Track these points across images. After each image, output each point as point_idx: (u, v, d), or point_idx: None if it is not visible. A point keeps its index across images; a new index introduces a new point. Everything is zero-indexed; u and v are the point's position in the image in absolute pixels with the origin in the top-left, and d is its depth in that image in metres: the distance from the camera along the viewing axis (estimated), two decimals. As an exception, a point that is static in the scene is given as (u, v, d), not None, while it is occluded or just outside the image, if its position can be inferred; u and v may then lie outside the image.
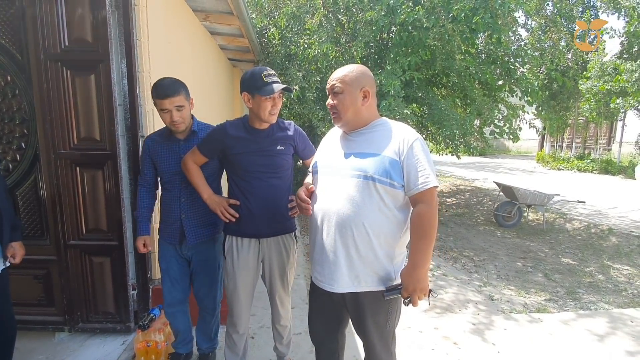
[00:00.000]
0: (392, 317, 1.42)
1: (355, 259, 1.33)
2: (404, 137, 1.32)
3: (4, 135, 2.17)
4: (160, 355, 2.10)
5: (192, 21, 3.45)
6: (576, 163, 13.15)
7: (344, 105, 1.36)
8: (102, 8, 2.02)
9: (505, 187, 6.13)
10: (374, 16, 4.35)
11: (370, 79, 1.39)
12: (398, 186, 1.29)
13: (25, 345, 2.18)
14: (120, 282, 2.27)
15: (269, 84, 1.59)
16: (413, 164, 1.28)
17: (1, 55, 2.09)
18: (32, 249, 2.00)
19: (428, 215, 1.25)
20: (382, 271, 1.34)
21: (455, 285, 3.56)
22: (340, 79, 1.37)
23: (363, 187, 1.30)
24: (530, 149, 20.28)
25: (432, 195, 1.27)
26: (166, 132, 1.87)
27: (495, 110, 5.34)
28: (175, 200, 1.86)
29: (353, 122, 1.39)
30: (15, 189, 2.21)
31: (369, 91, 1.37)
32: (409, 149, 1.29)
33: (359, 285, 1.35)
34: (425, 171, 1.27)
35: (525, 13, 5.78)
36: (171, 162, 1.84)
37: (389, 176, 1.28)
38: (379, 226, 1.30)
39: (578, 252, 4.95)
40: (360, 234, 1.30)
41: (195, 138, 1.86)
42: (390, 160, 1.29)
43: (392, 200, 1.30)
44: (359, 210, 1.30)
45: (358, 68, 1.39)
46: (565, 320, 2.89)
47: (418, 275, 1.27)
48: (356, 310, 1.40)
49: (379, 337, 1.42)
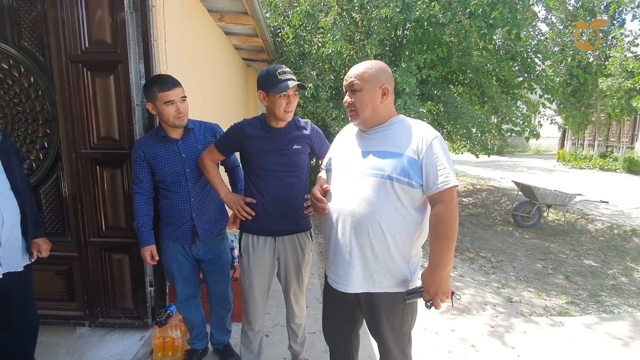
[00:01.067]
0: (407, 320, 1.39)
1: (371, 259, 1.30)
2: (422, 135, 1.28)
3: (28, 135, 2.24)
4: (177, 352, 2.13)
5: (207, 22, 3.48)
6: (598, 162, 12.71)
7: (362, 102, 1.33)
8: (120, 10, 2.06)
9: (525, 187, 5.97)
10: (388, 13, 4.29)
11: (389, 76, 1.36)
12: (416, 185, 1.26)
13: (48, 339, 2.24)
14: (138, 279, 2.31)
15: (283, 81, 1.58)
16: (432, 163, 1.24)
17: (25, 57, 2.15)
18: (55, 245, 2.05)
19: (448, 216, 1.21)
20: (397, 272, 1.32)
21: (472, 286, 3.48)
22: (358, 76, 1.33)
23: (380, 186, 1.27)
24: (549, 147, 19.71)
25: (452, 195, 1.23)
26: (159, 134, 1.83)
27: (514, 108, 5.20)
28: (184, 200, 1.85)
29: (371, 120, 1.36)
30: (38, 188, 2.28)
31: (388, 88, 1.34)
32: (428, 147, 1.25)
33: (373, 285, 1.33)
34: (445, 170, 1.23)
35: (546, 7, 5.60)
36: (174, 163, 1.82)
37: (407, 175, 1.25)
38: (395, 226, 1.28)
39: (600, 253, 4.78)
40: (376, 234, 1.28)
41: (192, 135, 1.87)
42: (409, 159, 1.26)
43: (409, 200, 1.27)
44: (375, 210, 1.27)
45: (377, 64, 1.35)
46: (588, 324, 2.79)
47: (439, 277, 1.24)
48: (370, 312, 1.38)
49: (394, 339, 1.39)
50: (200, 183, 1.88)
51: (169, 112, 1.74)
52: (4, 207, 1.56)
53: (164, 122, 1.80)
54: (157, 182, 1.88)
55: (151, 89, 1.75)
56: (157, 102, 1.74)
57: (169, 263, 1.95)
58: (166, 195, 1.87)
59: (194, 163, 1.84)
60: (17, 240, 1.65)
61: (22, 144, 2.23)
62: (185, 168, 1.83)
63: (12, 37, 2.13)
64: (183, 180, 1.83)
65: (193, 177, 1.84)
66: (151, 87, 1.75)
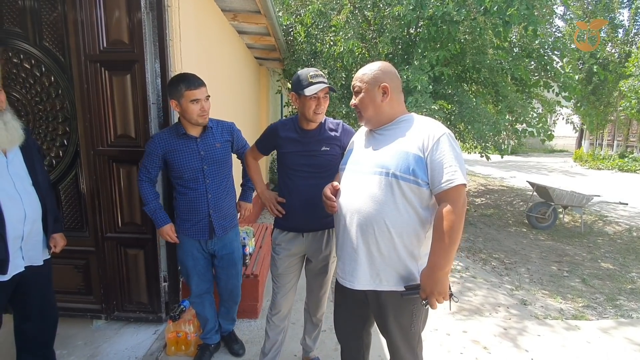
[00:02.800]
0: (417, 320, 1.38)
1: (377, 257, 1.31)
2: (429, 132, 1.27)
3: (48, 133, 2.30)
4: (190, 346, 2.17)
5: (221, 21, 3.51)
6: (617, 162, 12.35)
7: (363, 103, 1.37)
8: (137, 10, 2.10)
9: (540, 187, 5.85)
10: (401, 11, 4.25)
11: (389, 75, 1.36)
12: (423, 184, 1.25)
13: (66, 331, 2.31)
14: (153, 274, 2.36)
15: (313, 84, 1.61)
16: (438, 161, 1.22)
17: (46, 57, 2.21)
18: (73, 240, 2.12)
19: (450, 215, 1.18)
20: (404, 271, 1.31)
21: (485, 287, 3.44)
22: (359, 78, 1.38)
23: (385, 184, 1.27)
24: (566, 147, 19.26)
25: (458, 194, 1.20)
26: (179, 130, 1.87)
27: (529, 108, 5.09)
28: (202, 197, 1.89)
29: (375, 120, 1.38)
30: (58, 184, 2.34)
31: (388, 86, 1.34)
32: (435, 144, 1.23)
33: (380, 283, 1.33)
34: (451, 168, 1.20)
35: (564, 3, 5.45)
36: (192, 160, 1.86)
37: (412, 173, 1.24)
38: (401, 225, 1.27)
39: (619, 256, 4.65)
40: (381, 232, 1.28)
41: (210, 133, 1.92)
42: (415, 157, 1.24)
43: (416, 198, 1.26)
44: (380, 208, 1.27)
45: (378, 65, 1.37)
46: (605, 328, 2.72)
47: (436, 277, 1.22)
48: (378, 310, 1.38)
49: (402, 338, 1.38)
50: (217, 180, 1.93)
51: (193, 110, 1.78)
52: (27, 203, 1.62)
53: (187, 119, 1.84)
54: (174, 179, 1.92)
55: (177, 86, 1.78)
56: (182, 99, 1.78)
57: (184, 259, 1.99)
58: (183, 192, 1.91)
59: (211, 160, 1.89)
60: (39, 234, 1.70)
61: (43, 142, 2.30)
62: (204, 165, 1.88)
63: (34, 37, 2.19)
64: (200, 176, 1.88)
65: (211, 174, 1.89)
66: (178, 84, 1.78)
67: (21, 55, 2.21)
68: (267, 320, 1.93)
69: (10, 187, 1.58)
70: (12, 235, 1.56)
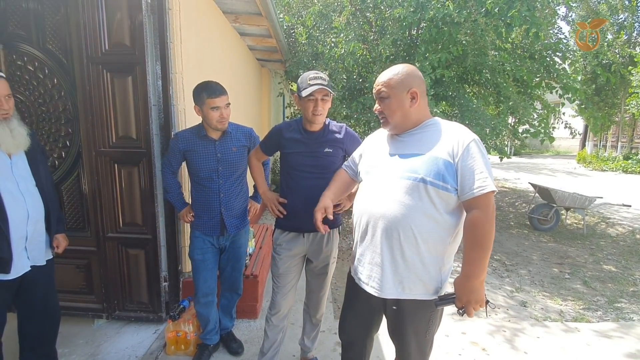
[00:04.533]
0: (432, 326, 1.36)
1: (400, 263, 1.27)
2: (458, 138, 1.24)
3: (51, 134, 2.34)
4: (189, 345, 2.19)
5: (222, 23, 3.54)
6: (621, 163, 12.25)
7: (390, 109, 1.32)
8: (138, 13, 2.13)
9: (542, 189, 5.82)
10: (402, 13, 4.26)
11: (418, 79, 1.32)
12: (451, 189, 1.22)
13: (68, 330, 2.34)
14: (153, 274, 2.38)
15: (310, 85, 1.64)
16: (469, 167, 1.19)
17: (49, 59, 2.25)
18: (75, 240, 2.15)
19: (484, 222, 1.16)
20: (427, 278, 1.28)
21: (485, 289, 3.43)
22: (385, 83, 1.31)
23: (413, 189, 1.24)
24: (570, 148, 19.14)
25: (488, 201, 1.17)
26: (201, 132, 1.97)
27: (531, 110, 5.07)
28: (214, 195, 2.00)
29: (402, 125, 1.34)
30: (60, 184, 2.37)
31: (417, 92, 1.30)
32: (465, 150, 1.21)
33: (403, 292, 1.29)
34: (482, 174, 1.18)
35: (566, 4, 5.43)
36: (209, 160, 1.97)
37: (442, 179, 1.21)
38: (427, 231, 1.24)
39: (621, 258, 4.62)
40: (407, 238, 1.25)
41: (229, 138, 2.00)
42: (445, 162, 1.22)
43: (443, 203, 1.23)
44: (407, 213, 1.24)
45: (404, 69, 1.32)
46: (605, 331, 2.71)
47: (472, 285, 1.20)
48: (396, 317, 1.35)
49: (416, 345, 1.37)
50: (230, 181, 2.02)
51: (213, 116, 1.88)
52: (30, 203, 1.64)
53: (207, 124, 1.95)
54: (192, 175, 2.04)
55: (200, 94, 1.88)
56: (204, 106, 1.89)
57: (194, 254, 2.06)
58: (198, 188, 2.03)
59: (227, 162, 1.99)
60: (42, 235, 1.73)
61: (46, 143, 2.33)
62: (219, 166, 1.98)
63: (38, 40, 2.22)
64: (215, 176, 1.98)
65: (225, 175, 2.00)
66: (201, 92, 1.88)
67: (25, 58, 2.25)
68: (266, 320, 1.95)
69: (14, 188, 1.60)
70: (16, 235, 1.59)
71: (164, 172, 2.10)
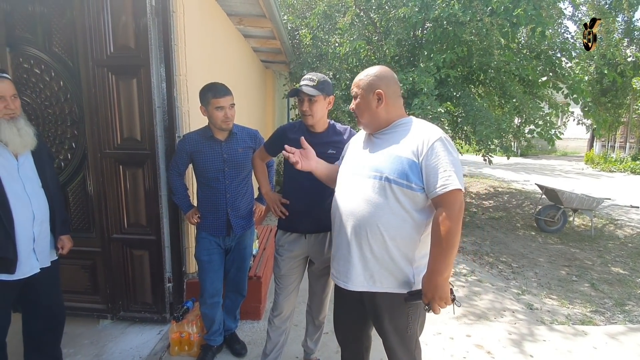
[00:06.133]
0: (413, 323, 1.37)
1: (370, 258, 1.32)
2: (424, 137, 1.27)
3: (57, 136, 2.36)
4: (193, 346, 2.19)
5: (226, 25, 3.56)
6: (630, 164, 12.08)
7: (360, 109, 1.39)
8: (143, 16, 2.14)
9: (549, 190, 5.76)
10: (406, 13, 4.25)
11: (385, 80, 1.36)
12: (417, 188, 1.25)
13: (73, 330, 2.35)
14: (158, 275, 2.40)
15: (299, 87, 1.68)
16: (432, 166, 1.22)
17: (55, 62, 2.27)
18: (80, 240, 2.16)
19: (447, 220, 1.18)
20: (399, 273, 1.31)
21: (491, 292, 3.40)
22: (356, 84, 1.39)
23: (379, 188, 1.28)
24: (577, 149, 18.90)
25: (454, 199, 1.19)
26: (207, 133, 1.99)
27: (537, 109, 5.02)
28: (221, 196, 2.02)
29: (372, 125, 1.40)
30: (66, 186, 2.39)
31: (382, 93, 1.34)
32: (429, 149, 1.23)
33: (374, 284, 1.33)
34: (446, 173, 1.20)
35: (572, 3, 5.37)
36: (215, 161, 1.99)
37: (406, 178, 1.25)
38: (394, 228, 1.27)
39: (629, 261, 4.55)
40: (374, 235, 1.29)
41: (235, 139, 2.02)
42: (409, 161, 1.25)
43: (410, 202, 1.26)
44: (374, 211, 1.28)
45: (375, 70, 1.37)
46: (613, 334, 2.67)
47: (436, 282, 1.21)
48: (374, 311, 1.39)
49: (399, 341, 1.39)
50: (236, 182, 2.04)
51: (217, 116, 1.91)
52: (35, 205, 1.66)
53: (212, 124, 1.97)
54: (198, 176, 2.06)
55: (206, 94, 1.91)
56: (209, 106, 1.92)
57: (201, 253, 2.07)
58: (204, 189, 2.06)
59: (233, 163, 2.02)
60: (47, 236, 1.74)
61: (52, 145, 2.35)
62: (225, 167, 2.00)
63: (44, 43, 2.25)
64: (221, 177, 2.01)
65: (231, 175, 2.02)
66: (206, 92, 1.92)
67: (31, 61, 2.27)
68: (269, 321, 1.95)
69: (20, 189, 1.62)
70: (22, 236, 1.60)
71: (170, 173, 2.11)
